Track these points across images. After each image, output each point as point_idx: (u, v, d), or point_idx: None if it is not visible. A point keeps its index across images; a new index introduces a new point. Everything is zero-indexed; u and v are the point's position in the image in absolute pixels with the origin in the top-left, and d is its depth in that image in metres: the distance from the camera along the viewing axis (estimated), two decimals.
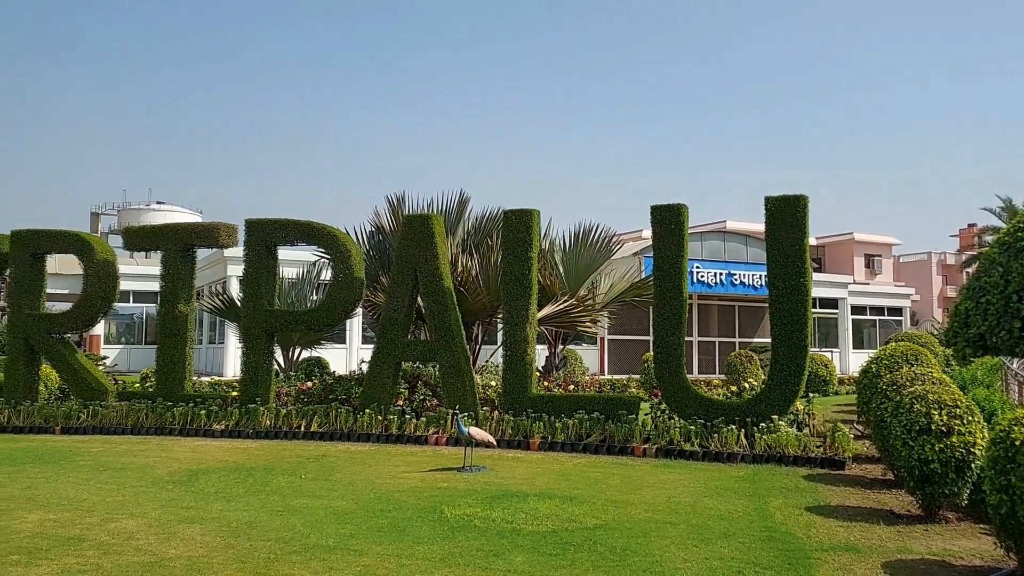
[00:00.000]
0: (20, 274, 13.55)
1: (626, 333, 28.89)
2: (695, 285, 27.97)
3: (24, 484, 7.88)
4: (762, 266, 28.15)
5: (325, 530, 6.17)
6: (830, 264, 45.68)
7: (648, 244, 27.78)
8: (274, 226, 12.99)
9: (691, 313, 28.94)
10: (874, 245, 46.98)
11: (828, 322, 34.83)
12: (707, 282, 29.00)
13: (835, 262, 45.80)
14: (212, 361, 29.76)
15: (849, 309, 35.24)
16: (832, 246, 47.17)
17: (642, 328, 28.75)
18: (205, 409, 12.34)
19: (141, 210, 51.68)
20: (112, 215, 56.13)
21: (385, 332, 12.38)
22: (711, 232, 31.04)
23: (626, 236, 30.57)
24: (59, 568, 5.04)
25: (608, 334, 28.24)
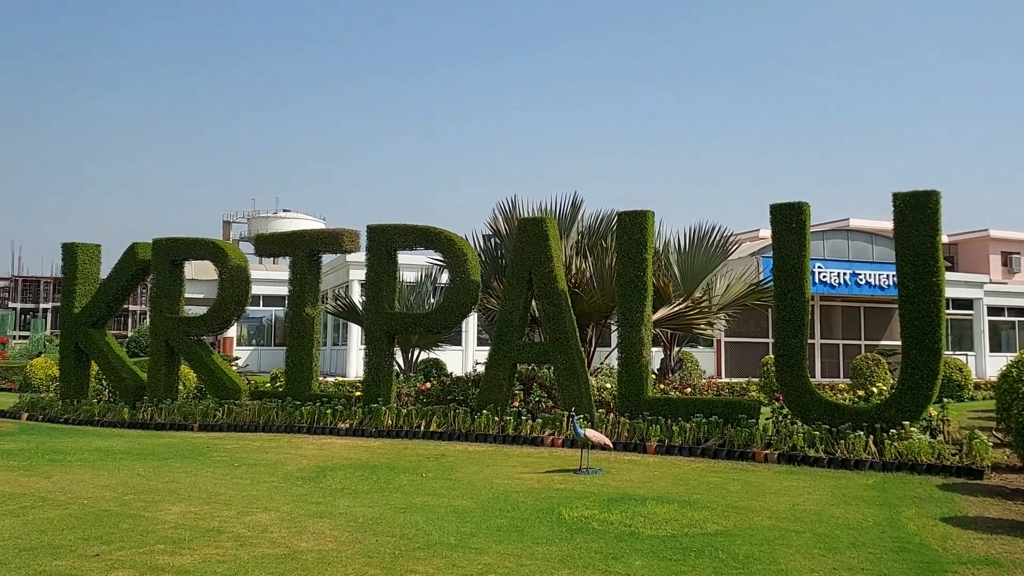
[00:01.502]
0: (161, 280, 14.52)
1: (744, 335, 28.08)
2: (817, 286, 26.85)
3: (167, 478, 8.42)
4: (889, 265, 26.85)
5: (446, 528, 6.30)
6: (963, 263, 42.87)
7: (766, 244, 26.97)
8: (394, 231, 13.38)
9: (813, 315, 27.83)
10: (1012, 242, 43.76)
11: (962, 324, 32.71)
12: (830, 282, 27.81)
13: (969, 261, 42.95)
14: (336, 362, 30.96)
15: (985, 310, 33.00)
16: (965, 244, 44.25)
17: (761, 330, 27.87)
18: (331, 408, 12.84)
19: (269, 218, 54.40)
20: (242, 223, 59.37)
21: (501, 334, 12.52)
22: (834, 230, 29.74)
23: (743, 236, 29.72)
24: (201, 558, 5.36)
25: (725, 336, 27.54)
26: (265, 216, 55.96)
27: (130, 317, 63.21)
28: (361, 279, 27.75)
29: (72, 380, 14.86)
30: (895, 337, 28.35)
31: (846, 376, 25.10)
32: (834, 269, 27.86)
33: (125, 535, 5.92)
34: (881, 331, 30.79)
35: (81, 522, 6.29)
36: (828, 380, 24.97)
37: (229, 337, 33.27)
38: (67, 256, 15.33)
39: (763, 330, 27.76)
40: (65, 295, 15.26)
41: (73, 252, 15.28)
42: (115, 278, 14.98)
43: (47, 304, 66.90)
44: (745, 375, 25.22)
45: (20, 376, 21.70)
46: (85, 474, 8.51)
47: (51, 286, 67.10)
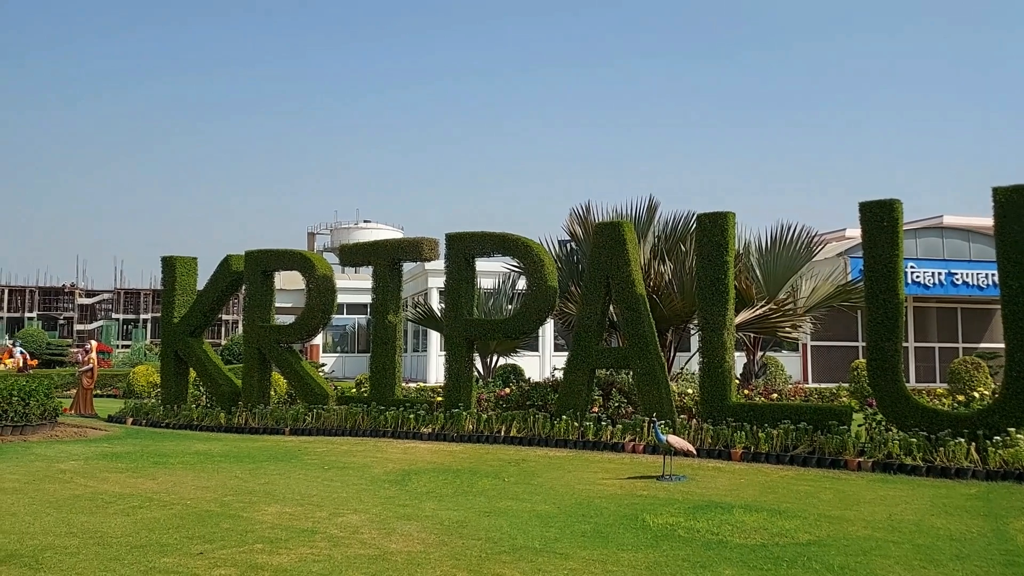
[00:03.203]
0: (253, 290, 15.08)
1: (831, 339, 27.22)
2: (910, 286, 25.82)
3: (263, 480, 8.74)
4: (988, 264, 25.57)
5: (530, 532, 6.35)
6: None
7: (854, 243, 26.14)
8: (472, 239, 13.55)
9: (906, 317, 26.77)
10: None
11: None
12: (924, 283, 26.70)
13: None
14: (416, 368, 31.49)
15: None
16: None
17: (849, 333, 26.98)
18: (414, 413, 13.09)
19: (350, 228, 55.79)
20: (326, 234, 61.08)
21: (579, 340, 12.51)
22: (927, 228, 28.55)
23: (828, 236, 28.82)
24: (297, 557, 5.56)
25: (811, 340, 26.76)
26: (347, 227, 57.43)
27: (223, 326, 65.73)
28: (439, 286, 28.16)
29: (172, 386, 15.58)
30: (996, 339, 27.00)
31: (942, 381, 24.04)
32: (928, 269, 26.75)
33: (226, 534, 6.19)
34: (980, 333, 29.37)
35: (185, 521, 6.61)
36: (923, 385, 23.98)
37: (315, 344, 34.22)
38: (166, 269, 16.09)
39: (852, 333, 26.86)
40: (165, 306, 16.01)
41: (172, 265, 16.03)
42: (211, 289, 15.65)
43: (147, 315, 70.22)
44: (833, 380, 24.44)
45: (124, 383, 22.90)
46: (187, 476, 8.93)
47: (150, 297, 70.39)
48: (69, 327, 68.89)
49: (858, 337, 26.49)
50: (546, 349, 29.40)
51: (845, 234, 32.23)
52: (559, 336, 30.39)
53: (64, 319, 70.37)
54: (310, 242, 61.49)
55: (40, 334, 45.42)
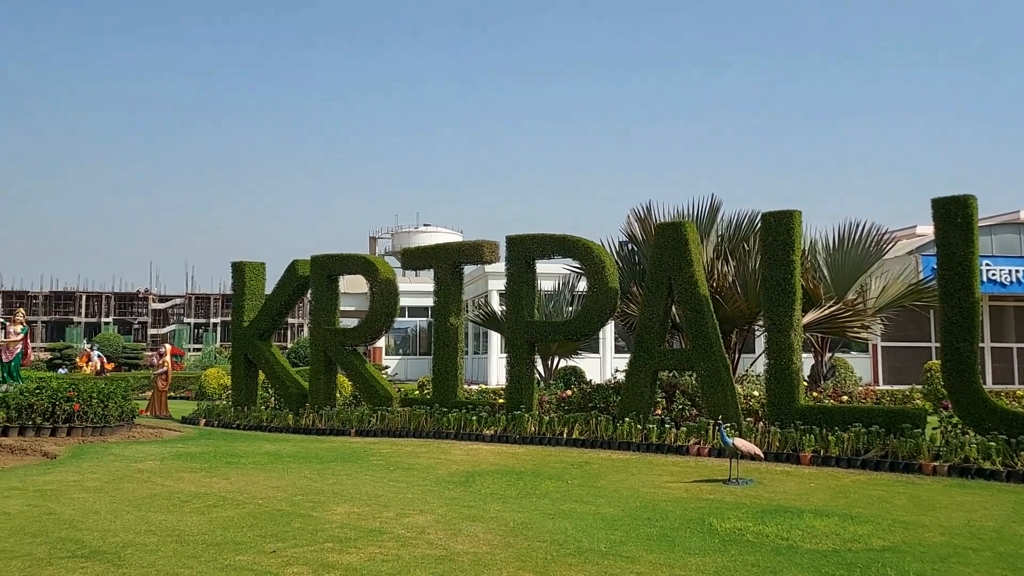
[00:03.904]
0: (319, 294, 15.41)
1: (903, 339, 26.40)
2: (986, 284, 24.86)
3: (331, 480, 8.92)
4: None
5: (595, 535, 6.34)
6: None
7: (926, 241, 25.30)
8: (532, 241, 13.59)
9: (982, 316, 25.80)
10: None
11: None
12: (1000, 281, 25.69)
13: None
14: (477, 370, 31.68)
15: None
16: None
17: (921, 334, 26.13)
18: (476, 415, 13.18)
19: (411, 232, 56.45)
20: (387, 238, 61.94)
21: (641, 341, 12.43)
22: (1003, 224, 27.46)
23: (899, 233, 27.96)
24: (366, 556, 5.66)
25: (881, 341, 26.00)
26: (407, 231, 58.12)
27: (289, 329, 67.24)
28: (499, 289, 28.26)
29: (242, 389, 16.02)
30: None
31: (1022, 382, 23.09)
32: (1005, 266, 25.73)
33: (297, 533, 6.34)
34: None
35: (258, 520, 6.79)
36: (1001, 387, 23.05)
37: (378, 347, 34.76)
38: (236, 274, 16.56)
39: (924, 333, 26.02)
40: (235, 310, 16.48)
41: (241, 270, 16.49)
42: (278, 293, 16.05)
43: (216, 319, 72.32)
44: (905, 382, 23.69)
45: (196, 385, 23.66)
46: (258, 476, 9.17)
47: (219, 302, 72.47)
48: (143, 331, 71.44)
49: (931, 337, 25.64)
50: (607, 351, 29.25)
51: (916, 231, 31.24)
52: (619, 338, 30.20)
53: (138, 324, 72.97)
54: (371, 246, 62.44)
55: (116, 338, 47.19)
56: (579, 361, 21.32)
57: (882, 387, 22.12)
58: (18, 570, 5.27)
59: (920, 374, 18.97)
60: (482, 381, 29.01)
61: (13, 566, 5.36)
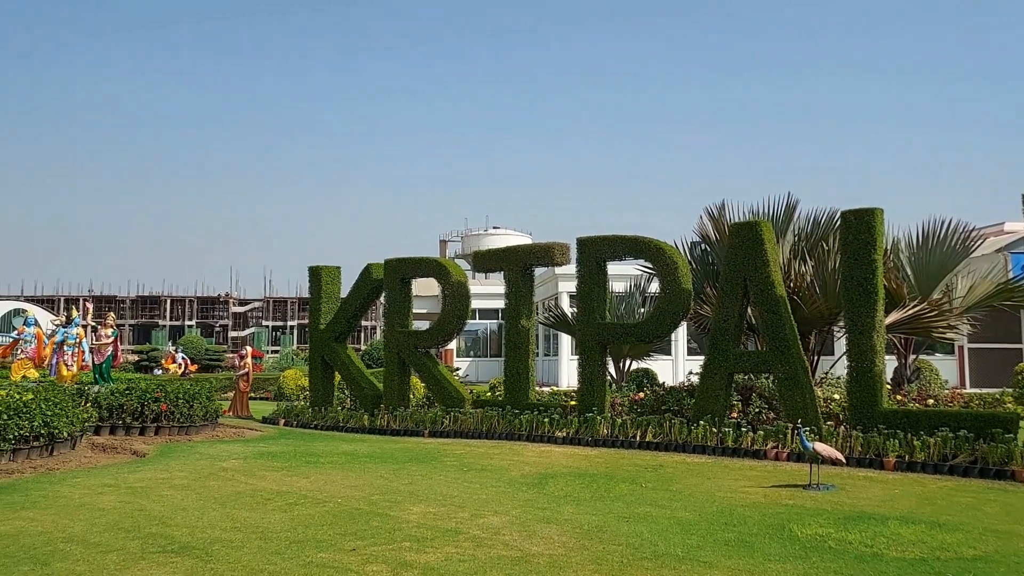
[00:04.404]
0: (392, 297, 15.68)
1: (991, 341, 25.25)
2: None
3: (406, 480, 9.07)
4: None
5: (671, 539, 6.28)
6: None
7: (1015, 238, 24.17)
8: (603, 242, 13.53)
9: None
10: None
11: None
12: None
13: None
14: (548, 372, 31.70)
15: None
16: None
17: (1011, 335, 24.94)
18: (548, 417, 13.19)
19: (480, 235, 56.86)
20: (457, 241, 62.55)
21: (715, 343, 12.23)
22: None
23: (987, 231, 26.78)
24: (443, 556, 5.74)
25: (968, 342, 24.93)
26: (477, 234, 58.56)
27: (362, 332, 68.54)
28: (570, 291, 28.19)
29: (320, 390, 16.42)
30: None
31: None
32: None
33: (375, 532, 6.47)
34: None
35: (337, 519, 6.96)
36: None
37: (449, 349, 35.12)
38: (313, 278, 16.99)
39: (1014, 334, 24.83)
40: (312, 313, 16.91)
41: (317, 274, 16.91)
42: (353, 296, 16.40)
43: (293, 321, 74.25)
44: (994, 384, 22.65)
45: (275, 386, 24.37)
46: (336, 475, 9.39)
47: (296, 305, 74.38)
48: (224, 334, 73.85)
49: (1021, 339, 24.47)
50: (679, 353, 28.88)
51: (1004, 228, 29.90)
52: (692, 339, 29.77)
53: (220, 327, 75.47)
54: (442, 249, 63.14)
55: (199, 341, 48.95)
56: (651, 363, 21.13)
57: (969, 390, 21.22)
58: (113, 563, 5.53)
59: (1010, 377, 18.12)
60: (553, 383, 29.01)
61: (109, 559, 5.63)
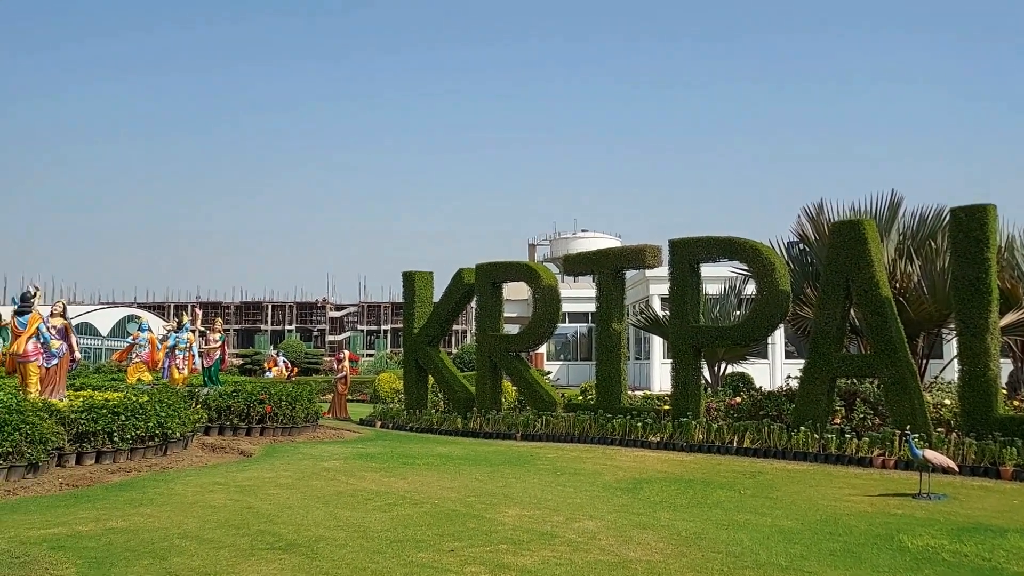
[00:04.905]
0: (484, 301, 15.85)
1: None
2: None
3: (500, 483, 9.15)
4: None
5: (773, 548, 6.11)
6: None
7: None
8: (696, 244, 13.31)
9: None
10: None
11: None
12: None
13: None
14: (639, 376, 31.37)
15: None
16: None
17: None
18: (641, 422, 13.06)
19: (569, 239, 56.72)
20: (545, 245, 62.59)
21: (816, 346, 11.84)
22: None
23: None
24: (540, 560, 5.76)
25: None
26: (565, 237, 58.43)
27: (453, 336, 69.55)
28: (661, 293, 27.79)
29: (414, 393, 16.75)
30: None
31: None
32: None
33: (472, 534, 6.55)
34: None
35: (435, 519, 7.08)
36: None
37: (540, 352, 35.19)
38: (406, 283, 17.36)
39: None
40: (406, 317, 17.27)
41: (411, 279, 17.27)
42: (446, 300, 16.67)
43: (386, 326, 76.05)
44: None
45: (370, 389, 25.00)
46: (432, 476, 9.56)
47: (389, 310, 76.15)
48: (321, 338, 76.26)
49: None
50: (776, 356, 28.08)
51: None
52: (789, 342, 28.91)
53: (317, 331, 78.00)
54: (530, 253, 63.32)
55: (298, 345, 50.69)
56: (747, 367, 20.63)
57: None
58: (225, 559, 5.79)
59: None
60: (645, 387, 28.68)
61: (221, 555, 5.89)
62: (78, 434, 10.07)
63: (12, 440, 8.71)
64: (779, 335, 26.93)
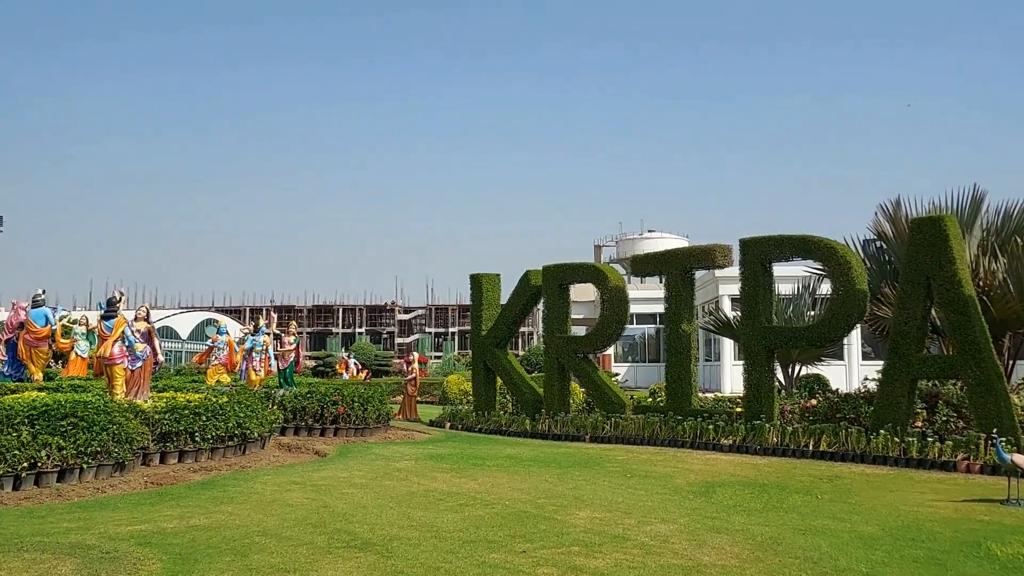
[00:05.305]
0: (551, 303, 15.86)
1: None
2: None
3: (570, 485, 9.13)
4: None
5: (853, 554, 5.95)
6: None
7: None
8: (768, 243, 13.04)
9: None
10: None
11: None
12: None
13: None
14: (709, 377, 30.90)
15: None
16: None
17: None
18: (712, 424, 12.86)
19: (635, 239, 56.30)
20: (611, 246, 62.25)
21: (896, 347, 11.46)
22: None
23: None
24: (612, 562, 5.73)
25: None
26: (631, 238, 58.03)
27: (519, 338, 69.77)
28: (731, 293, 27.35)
29: (482, 394, 16.87)
30: None
31: None
32: None
33: (543, 535, 6.56)
34: None
35: (506, 521, 7.12)
36: None
37: (607, 354, 34.99)
38: (474, 285, 17.50)
39: None
40: (473, 319, 17.41)
41: (478, 282, 17.40)
42: (513, 302, 16.74)
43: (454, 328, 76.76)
44: None
45: (439, 390, 25.28)
46: (502, 478, 9.61)
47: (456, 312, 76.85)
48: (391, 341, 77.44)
49: None
50: (853, 357, 27.30)
51: None
52: (866, 343, 28.08)
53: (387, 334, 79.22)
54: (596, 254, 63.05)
55: (368, 347, 51.59)
56: (822, 368, 20.13)
57: None
58: (304, 557, 5.94)
59: None
60: (715, 389, 28.23)
61: (300, 553, 6.05)
62: (162, 434, 10.45)
63: (100, 440, 9.10)
64: (855, 336, 26.20)
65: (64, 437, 8.77)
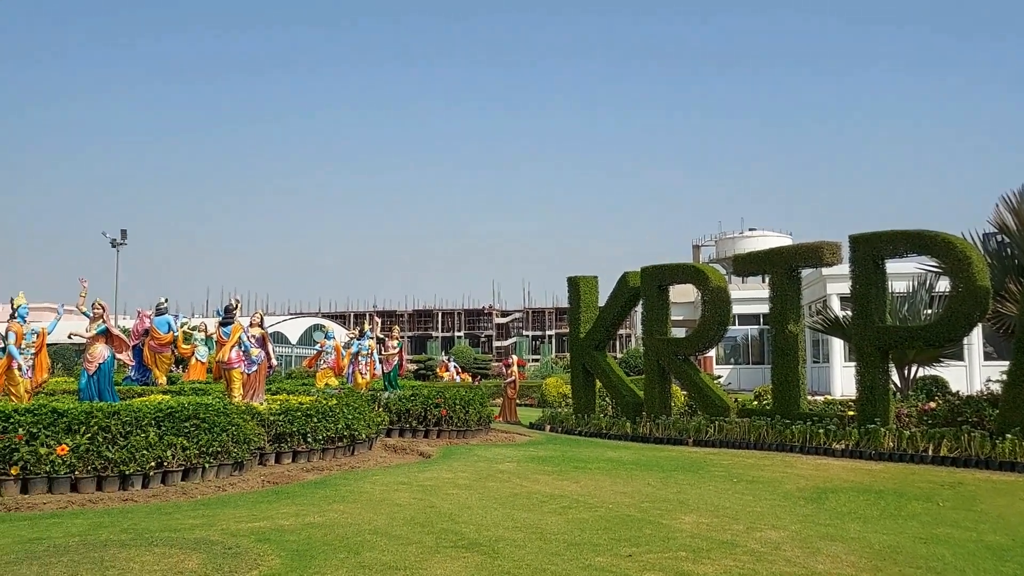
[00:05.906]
0: (650, 304, 15.67)
1: None
2: None
3: (674, 489, 9.00)
4: None
5: (981, 565, 5.63)
6: None
7: None
8: (880, 239, 12.49)
9: None
10: None
11: None
12: None
13: None
14: (818, 379, 29.82)
15: None
16: None
17: None
18: (823, 428, 12.40)
19: (736, 238, 54.93)
20: (710, 245, 60.99)
21: (1022, 346, 10.76)
22: None
23: None
24: (721, 569, 5.62)
25: None
26: (731, 236, 56.64)
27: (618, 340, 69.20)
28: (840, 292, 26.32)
29: (582, 397, 16.83)
30: None
31: None
32: None
33: (649, 539, 6.50)
34: None
35: (610, 524, 7.08)
36: None
37: (708, 356, 34.27)
38: (572, 288, 17.49)
39: None
40: (571, 322, 17.39)
41: (576, 284, 17.38)
42: (611, 305, 16.63)
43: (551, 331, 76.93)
44: None
45: (538, 393, 25.38)
46: (604, 481, 9.56)
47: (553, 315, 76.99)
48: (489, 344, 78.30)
49: None
50: (974, 358, 25.79)
51: None
52: (988, 343, 26.48)
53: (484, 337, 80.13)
54: (695, 254, 61.90)
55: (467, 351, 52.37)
56: (941, 370, 19.07)
57: None
58: (413, 555, 6.08)
59: None
60: (824, 391, 27.21)
61: (409, 551, 6.19)
62: (276, 435, 10.90)
63: (220, 440, 9.58)
64: (977, 335, 24.77)
65: (188, 438, 9.27)
